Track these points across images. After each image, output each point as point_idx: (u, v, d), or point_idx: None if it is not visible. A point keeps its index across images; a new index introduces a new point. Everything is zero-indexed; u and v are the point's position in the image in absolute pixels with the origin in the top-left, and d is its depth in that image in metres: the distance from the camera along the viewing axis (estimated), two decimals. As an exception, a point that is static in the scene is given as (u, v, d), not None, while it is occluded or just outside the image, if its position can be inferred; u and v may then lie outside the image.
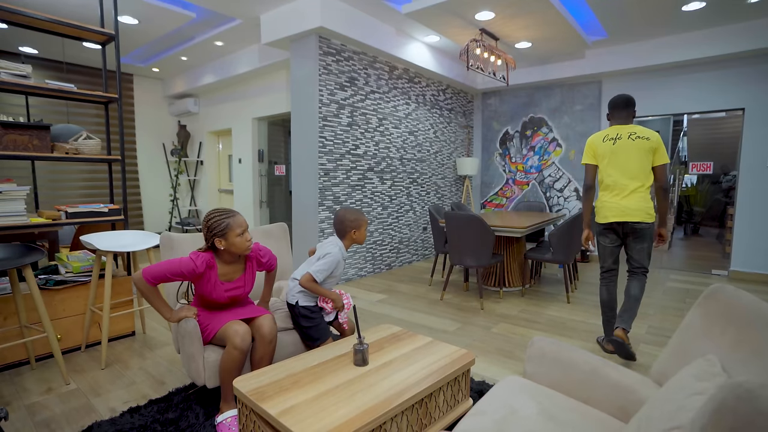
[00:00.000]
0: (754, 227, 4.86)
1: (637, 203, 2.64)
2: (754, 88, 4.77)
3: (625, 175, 2.66)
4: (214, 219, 1.96)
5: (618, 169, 2.68)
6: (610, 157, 2.69)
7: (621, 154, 2.66)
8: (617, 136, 2.69)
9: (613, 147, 2.68)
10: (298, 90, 4.43)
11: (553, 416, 1.38)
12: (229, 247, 1.98)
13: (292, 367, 1.76)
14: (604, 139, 2.73)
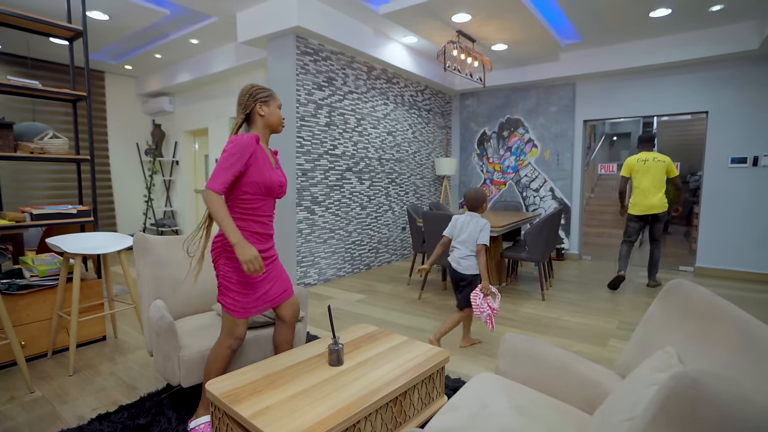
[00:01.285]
0: (718, 225, 5.06)
1: (658, 201, 4.26)
2: (716, 92, 4.96)
3: (652, 185, 4.26)
4: (256, 87, 1.91)
5: (647, 181, 4.27)
6: (643, 172, 4.28)
7: (650, 171, 4.26)
8: (646, 159, 4.29)
9: (644, 166, 4.29)
10: (276, 89, 4.39)
11: (524, 411, 1.41)
12: (269, 117, 1.92)
13: (267, 369, 1.75)
14: (638, 160, 4.34)
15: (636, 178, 4.34)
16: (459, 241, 2.78)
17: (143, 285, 2.19)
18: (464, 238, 2.74)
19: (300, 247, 4.42)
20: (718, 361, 1.13)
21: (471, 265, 2.72)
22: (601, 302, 4.00)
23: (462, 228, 2.77)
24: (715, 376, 0.72)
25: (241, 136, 1.78)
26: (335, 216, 4.82)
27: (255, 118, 1.91)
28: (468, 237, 2.72)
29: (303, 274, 4.47)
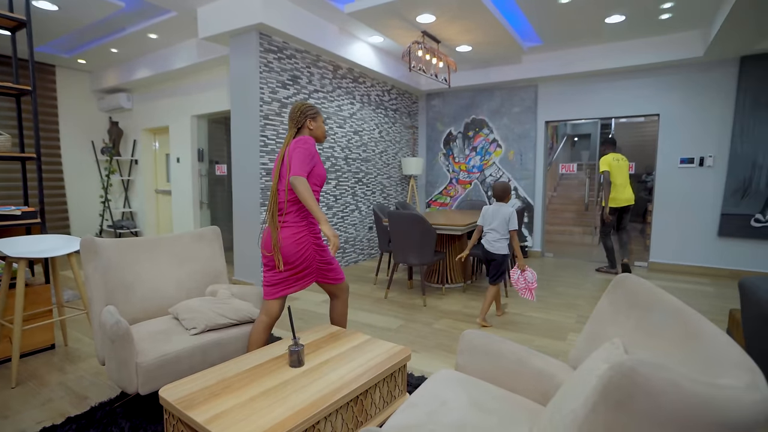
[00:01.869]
0: (669, 222, 5.33)
1: (630, 195, 5.00)
2: (667, 96, 5.23)
3: (625, 180, 4.97)
4: (306, 105, 2.28)
5: (621, 177, 4.94)
6: (617, 170, 4.92)
7: (622, 169, 4.95)
8: (618, 159, 4.96)
9: (618, 164, 4.93)
10: (238, 87, 4.30)
11: (482, 405, 1.44)
12: (316, 130, 2.30)
13: (224, 372, 1.71)
14: (613, 159, 4.94)
15: (613, 175, 4.91)
16: (491, 228, 3.30)
17: (93, 290, 2.09)
18: (495, 225, 3.27)
19: (265, 247, 4.33)
20: (659, 349, 1.18)
21: (502, 247, 3.26)
22: (562, 298, 4.13)
23: (493, 216, 3.30)
24: (649, 364, 0.75)
25: (309, 138, 2.18)
26: (301, 216, 4.76)
27: (305, 131, 2.28)
28: (499, 224, 3.26)
29: (268, 275, 4.39)
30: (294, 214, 2.17)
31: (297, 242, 2.15)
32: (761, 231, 4.79)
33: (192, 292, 2.57)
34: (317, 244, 2.26)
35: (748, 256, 4.93)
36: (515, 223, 3.22)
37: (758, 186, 4.77)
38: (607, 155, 5.01)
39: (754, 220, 4.83)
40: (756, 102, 4.70)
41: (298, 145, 2.12)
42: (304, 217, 2.20)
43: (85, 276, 2.11)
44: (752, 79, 4.69)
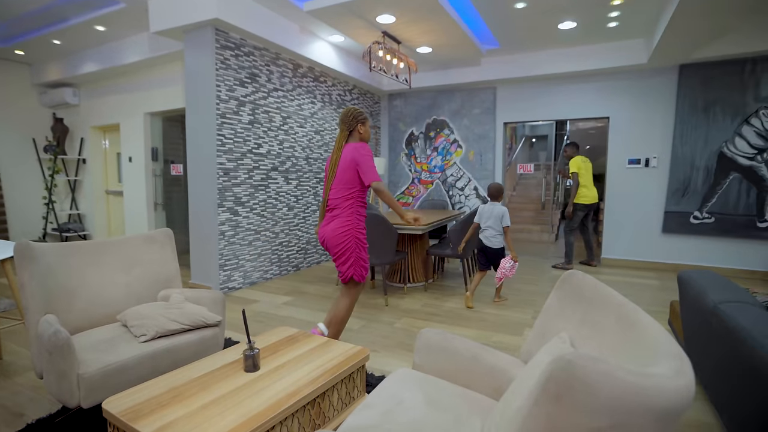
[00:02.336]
0: (619, 220, 5.61)
1: (596, 194, 5.34)
2: (615, 100, 5.50)
3: (590, 181, 5.34)
4: (357, 110, 2.54)
5: (588, 177, 5.32)
6: (585, 170, 5.32)
7: (588, 169, 5.36)
8: (584, 160, 5.37)
9: (585, 165, 5.34)
10: (194, 84, 4.15)
11: (437, 403, 1.45)
12: (365, 133, 2.55)
13: (173, 381, 1.64)
14: (581, 161, 5.32)
15: (581, 175, 5.27)
16: (487, 225, 3.77)
17: (29, 298, 1.96)
18: (491, 223, 3.73)
19: (222, 249, 4.22)
20: (602, 341, 1.24)
21: (498, 241, 3.76)
22: (519, 294, 4.26)
23: (488, 215, 3.76)
24: (586, 358, 0.78)
25: (365, 145, 2.47)
26: (261, 217, 4.67)
27: (355, 134, 2.54)
28: (494, 221, 3.72)
29: (226, 278, 4.27)
30: (345, 209, 2.48)
31: (341, 234, 2.47)
32: (699, 227, 5.14)
33: (142, 297, 2.46)
34: (359, 239, 2.55)
35: (688, 250, 5.26)
36: (508, 221, 3.71)
37: (696, 186, 5.11)
38: (576, 158, 5.34)
39: (692, 217, 5.16)
40: (693, 107, 5.03)
41: (361, 152, 2.43)
42: (352, 214, 2.50)
43: (20, 283, 1.97)
44: (690, 86, 5.02)
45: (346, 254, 2.50)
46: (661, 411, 0.79)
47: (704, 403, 2.24)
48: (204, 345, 2.22)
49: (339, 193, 2.48)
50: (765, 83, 4.68)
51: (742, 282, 4.75)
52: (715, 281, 2.19)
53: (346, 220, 2.47)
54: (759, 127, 4.76)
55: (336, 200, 2.49)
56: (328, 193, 2.51)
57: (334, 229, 2.47)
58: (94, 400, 1.77)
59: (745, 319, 1.61)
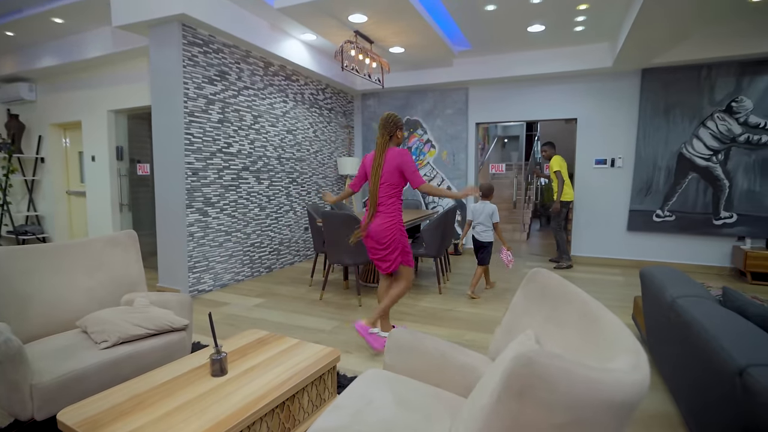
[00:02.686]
0: (587, 219, 5.78)
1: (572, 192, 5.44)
2: (583, 102, 5.67)
3: (568, 179, 5.35)
4: (396, 116, 2.76)
5: (567, 176, 5.33)
6: (565, 169, 5.34)
7: (566, 169, 5.37)
8: (563, 159, 5.40)
9: (564, 164, 5.37)
10: (160, 82, 4.02)
11: (407, 403, 1.46)
12: (401, 138, 2.81)
13: (135, 388, 1.58)
14: (561, 160, 5.37)
15: (564, 173, 5.31)
16: (479, 222, 4.07)
17: (-21, 304, 1.85)
18: (482, 219, 4.04)
19: (192, 251, 4.11)
20: (566, 338, 1.27)
21: (488, 236, 4.06)
22: (492, 292, 4.33)
23: (479, 212, 4.06)
24: (546, 355, 0.80)
25: (406, 150, 2.76)
26: (231, 218, 4.57)
27: (394, 138, 2.79)
28: (485, 218, 4.03)
29: (196, 280, 4.17)
30: (389, 206, 2.78)
31: (388, 228, 2.77)
32: (661, 225, 5.35)
33: (105, 302, 2.37)
34: (401, 230, 2.83)
35: (652, 247, 5.48)
36: (497, 217, 4.05)
37: (658, 185, 5.32)
38: (557, 156, 5.41)
39: (655, 215, 5.37)
40: (655, 110, 5.23)
41: (405, 159, 2.72)
42: (395, 210, 2.80)
43: (-31, 289, 1.86)
44: (651, 89, 5.22)
45: (393, 245, 2.79)
46: (618, 404, 0.82)
47: (665, 394, 2.33)
48: (170, 350, 2.16)
49: (385, 191, 2.77)
50: (719, 88, 4.92)
51: (699, 277, 4.98)
52: (673, 277, 2.28)
53: (390, 216, 2.78)
54: (714, 130, 4.99)
55: (381, 198, 2.78)
56: (376, 191, 2.77)
57: (381, 224, 2.76)
58: (49, 412, 1.69)
59: (699, 312, 1.68)
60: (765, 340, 1.39)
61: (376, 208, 2.79)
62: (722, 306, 1.85)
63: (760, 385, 1.14)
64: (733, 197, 5.00)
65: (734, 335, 1.43)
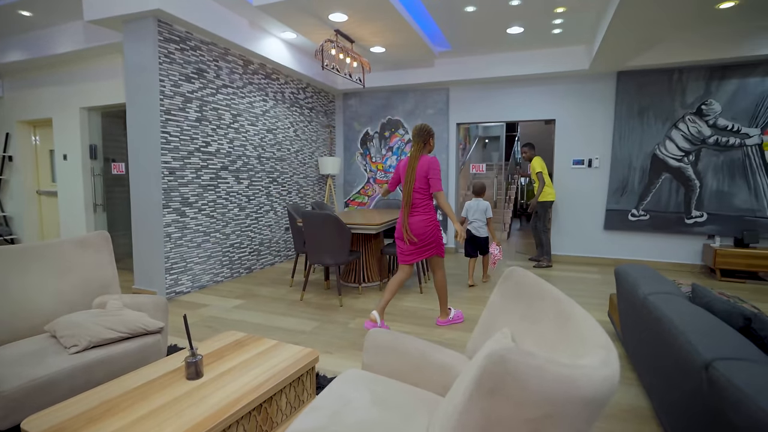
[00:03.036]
0: (565, 218, 5.89)
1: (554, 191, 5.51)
2: (561, 103, 5.77)
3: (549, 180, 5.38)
4: (428, 126, 3.13)
5: (548, 176, 5.36)
6: (545, 170, 5.38)
7: (546, 168, 5.41)
8: (544, 161, 5.46)
9: (545, 165, 5.40)
10: (134, 79, 3.93)
11: (385, 402, 1.45)
12: (432, 145, 3.17)
13: (107, 393, 1.54)
14: (542, 161, 5.40)
15: (545, 174, 5.36)
16: (474, 218, 4.40)
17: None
18: (477, 216, 4.37)
19: (169, 252, 4.02)
20: (540, 335, 1.29)
21: (484, 231, 4.44)
22: (473, 291, 4.37)
23: (474, 209, 4.40)
24: (517, 352, 0.80)
25: (436, 159, 3.09)
26: (210, 218, 4.50)
27: (427, 146, 3.13)
28: (480, 214, 4.37)
29: (173, 282, 4.08)
30: (424, 206, 3.12)
31: (427, 225, 3.10)
32: (636, 224, 5.49)
33: (75, 305, 2.30)
34: (437, 225, 3.18)
35: (627, 246, 5.61)
36: (491, 213, 4.40)
37: (633, 185, 5.45)
38: (538, 157, 5.45)
39: (630, 214, 5.51)
40: (630, 111, 5.36)
41: (433, 167, 3.03)
42: (430, 209, 3.14)
43: (-72, 293, 1.78)
44: (626, 91, 5.35)
45: (431, 238, 3.14)
46: (589, 399, 0.83)
47: (639, 389, 2.39)
48: (144, 353, 2.11)
49: (418, 194, 3.09)
50: (690, 91, 5.08)
51: (672, 274, 5.13)
52: (645, 274, 2.34)
53: (427, 215, 3.12)
54: (685, 132, 5.15)
55: (416, 200, 3.10)
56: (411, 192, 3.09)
57: (420, 221, 3.10)
58: (14, 420, 1.63)
59: (669, 309, 1.73)
60: (730, 335, 1.43)
61: (411, 208, 3.12)
62: (691, 302, 1.91)
63: (725, 379, 1.17)
64: (704, 197, 5.16)
65: (701, 330, 1.48)
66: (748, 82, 4.86)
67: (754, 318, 1.61)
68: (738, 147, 4.98)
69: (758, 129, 4.90)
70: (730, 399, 1.13)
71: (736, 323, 1.65)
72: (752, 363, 1.22)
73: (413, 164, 3.06)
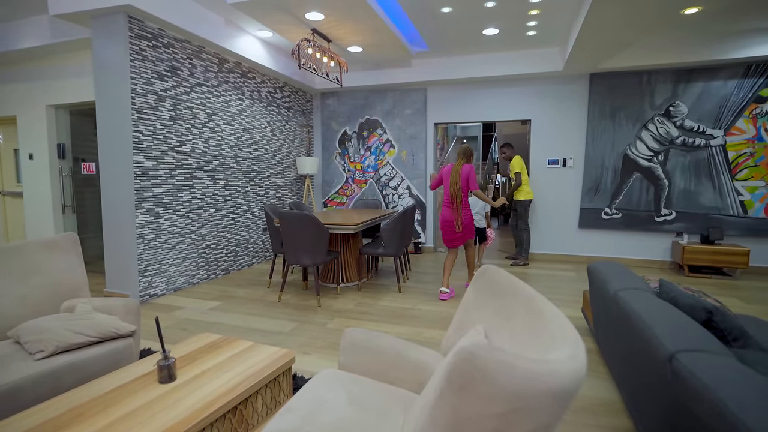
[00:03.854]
0: (542, 216, 6.00)
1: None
2: (536, 103, 5.88)
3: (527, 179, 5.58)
4: (470, 148, 4.13)
5: (526, 176, 5.54)
6: (525, 170, 5.53)
7: (525, 169, 5.57)
8: (523, 161, 5.64)
9: (524, 165, 5.53)
10: (104, 76, 3.81)
11: (361, 402, 1.46)
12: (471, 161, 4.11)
13: (75, 399, 1.50)
14: (521, 161, 5.50)
15: (524, 173, 5.51)
16: (476, 212, 4.98)
17: None
18: (478, 209, 5.02)
19: (142, 254, 3.92)
20: (513, 332, 1.31)
21: (483, 223, 5.10)
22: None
23: (474, 204, 4.96)
24: (486, 349, 0.82)
25: (472, 166, 4.00)
26: (185, 219, 4.41)
27: (467, 160, 4.08)
28: (480, 208, 5.04)
29: (147, 284, 3.99)
30: (465, 203, 4.01)
31: (470, 217, 4.05)
32: (609, 222, 5.64)
33: (42, 310, 2.22)
34: (472, 218, 4.09)
35: (601, 244, 5.76)
36: (488, 207, 5.11)
37: (606, 184, 5.60)
38: (517, 157, 5.54)
39: (603, 213, 5.66)
40: (602, 113, 5.51)
41: (470, 172, 3.95)
42: (468, 205, 4.05)
43: None
44: (599, 93, 5.50)
45: (469, 228, 4.06)
46: (556, 393, 0.85)
47: (610, 383, 2.46)
48: (116, 358, 2.05)
49: (461, 192, 3.97)
50: (658, 93, 5.25)
51: (643, 271, 5.29)
52: (616, 271, 2.41)
53: (469, 210, 4.05)
54: (655, 132, 5.32)
55: (458, 197, 3.98)
56: (452, 193, 4.01)
57: (467, 215, 4.03)
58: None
59: (638, 304, 1.79)
60: (693, 328, 1.49)
61: (458, 204, 4.00)
62: (659, 297, 1.98)
63: (687, 370, 1.22)
64: (672, 196, 5.35)
65: (666, 324, 1.53)
66: (712, 85, 5.06)
67: (715, 311, 1.68)
68: (703, 147, 5.18)
69: (722, 130, 5.10)
70: (691, 389, 1.18)
71: (699, 317, 1.72)
72: (712, 354, 1.27)
73: (457, 169, 4.01)
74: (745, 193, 5.10)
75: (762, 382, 1.07)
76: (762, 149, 5.01)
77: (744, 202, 5.11)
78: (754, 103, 4.98)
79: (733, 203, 5.14)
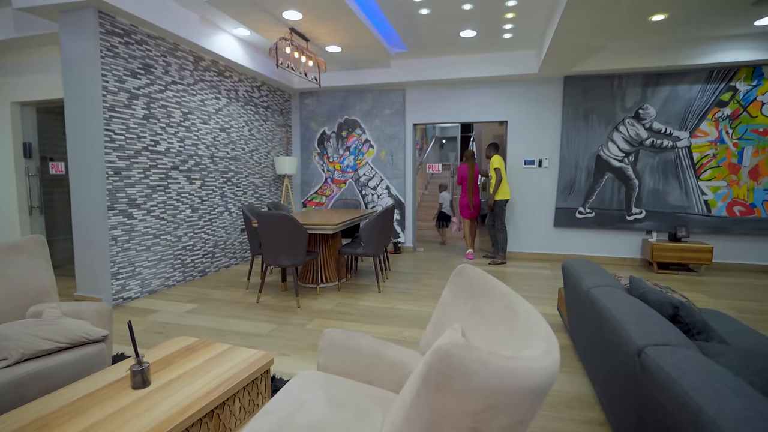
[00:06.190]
0: (519, 216, 6.11)
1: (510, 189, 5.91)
2: (512, 105, 5.98)
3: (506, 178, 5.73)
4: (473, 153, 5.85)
5: (505, 175, 5.68)
6: (504, 168, 5.61)
7: (504, 167, 5.68)
8: (504, 160, 5.98)
9: (504, 164, 5.62)
10: (73, 73, 3.69)
11: (339, 402, 1.46)
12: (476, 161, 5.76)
13: (41, 409, 1.45)
14: (501, 160, 5.60)
15: (503, 173, 5.59)
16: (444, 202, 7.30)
17: None
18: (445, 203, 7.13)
19: (115, 256, 3.82)
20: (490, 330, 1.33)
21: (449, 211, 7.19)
22: (429, 289, 4.44)
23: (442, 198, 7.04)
24: (461, 347, 0.83)
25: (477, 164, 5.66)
26: (160, 220, 4.31)
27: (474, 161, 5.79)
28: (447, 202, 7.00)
29: (120, 287, 3.88)
30: (477, 190, 5.67)
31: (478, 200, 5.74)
32: (582, 221, 5.79)
33: (6, 316, 2.14)
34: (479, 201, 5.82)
35: (575, 242, 5.91)
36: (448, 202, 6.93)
37: (580, 184, 5.75)
38: (497, 156, 5.60)
39: (578, 212, 5.80)
40: (576, 114, 5.65)
41: (477, 170, 5.66)
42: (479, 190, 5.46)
43: None
44: (573, 95, 5.64)
45: (477, 207, 5.81)
46: (530, 389, 0.87)
47: (584, 378, 2.53)
48: (86, 364, 1.99)
49: (475, 185, 5.60)
50: (628, 96, 5.42)
51: (615, 268, 5.45)
52: (589, 269, 2.48)
53: (477, 196, 5.78)
54: (625, 134, 5.49)
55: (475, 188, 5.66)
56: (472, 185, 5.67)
57: (478, 199, 5.82)
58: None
59: (609, 300, 1.85)
60: (661, 323, 1.55)
61: (473, 192, 5.73)
62: (629, 294, 2.05)
63: (654, 363, 1.27)
64: (642, 195, 5.53)
65: (635, 319, 1.59)
66: (679, 89, 5.25)
67: (681, 306, 1.74)
68: (670, 149, 5.37)
69: (687, 132, 5.30)
70: (658, 381, 1.22)
71: (666, 312, 1.78)
72: (677, 348, 1.32)
73: (471, 168, 5.75)
74: (708, 193, 5.32)
75: (721, 373, 1.12)
76: (724, 151, 5.24)
77: (708, 201, 5.32)
78: (716, 107, 5.20)
79: (698, 202, 5.35)
